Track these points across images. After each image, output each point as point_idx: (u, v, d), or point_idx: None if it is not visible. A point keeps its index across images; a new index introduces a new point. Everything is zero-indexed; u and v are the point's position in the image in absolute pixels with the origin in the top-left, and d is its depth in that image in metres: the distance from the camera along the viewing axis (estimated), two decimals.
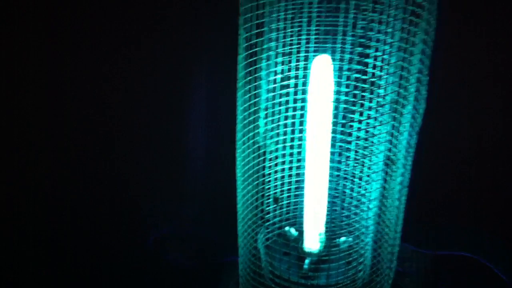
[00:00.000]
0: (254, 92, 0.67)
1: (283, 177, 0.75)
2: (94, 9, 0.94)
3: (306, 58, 0.66)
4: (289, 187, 0.76)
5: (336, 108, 0.68)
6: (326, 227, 0.74)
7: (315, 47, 0.66)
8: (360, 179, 0.73)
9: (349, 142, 0.70)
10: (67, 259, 0.98)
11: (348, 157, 0.72)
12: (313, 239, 0.74)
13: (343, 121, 0.68)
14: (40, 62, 0.98)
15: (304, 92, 0.67)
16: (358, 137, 0.69)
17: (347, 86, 0.67)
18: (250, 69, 0.65)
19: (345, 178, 0.74)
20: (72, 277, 0.95)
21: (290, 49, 0.65)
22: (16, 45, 0.97)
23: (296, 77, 0.67)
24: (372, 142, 0.68)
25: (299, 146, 0.72)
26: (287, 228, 0.78)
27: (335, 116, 0.68)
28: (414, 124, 0.65)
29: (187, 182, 1.04)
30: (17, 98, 1.01)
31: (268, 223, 0.77)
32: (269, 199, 0.76)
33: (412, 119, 0.66)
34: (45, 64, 0.98)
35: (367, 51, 0.64)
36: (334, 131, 0.68)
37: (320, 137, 0.68)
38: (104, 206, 1.05)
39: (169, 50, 0.96)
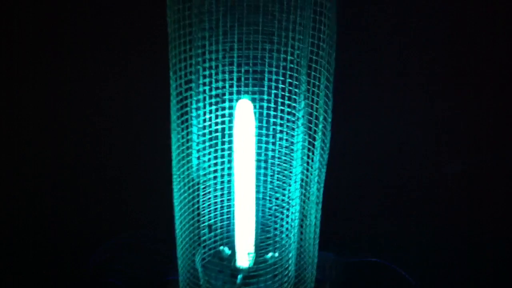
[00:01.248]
0: (186, 131, 0.76)
1: (215, 203, 0.84)
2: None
3: (230, 101, 0.76)
4: (221, 211, 0.85)
5: (258, 141, 0.78)
6: (255, 246, 0.84)
7: (237, 91, 0.75)
8: (282, 201, 0.83)
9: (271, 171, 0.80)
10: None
11: (271, 182, 0.83)
12: (244, 257, 0.84)
13: (265, 153, 0.78)
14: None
15: (230, 131, 0.77)
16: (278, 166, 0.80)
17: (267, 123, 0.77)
18: (181, 111, 0.75)
19: (270, 201, 0.84)
20: None
21: (215, 94, 0.74)
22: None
23: (223, 117, 0.77)
24: (291, 172, 0.78)
25: (228, 175, 0.82)
26: (221, 248, 0.88)
27: (259, 148, 0.78)
28: (324, 148, 0.76)
29: (129, 206, 1.10)
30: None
31: (203, 243, 0.86)
32: (204, 223, 0.85)
33: (321, 149, 0.77)
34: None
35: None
36: (257, 161, 0.79)
37: (245, 167, 0.79)
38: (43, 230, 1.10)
39: None
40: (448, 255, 1.07)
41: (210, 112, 0.76)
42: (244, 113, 0.75)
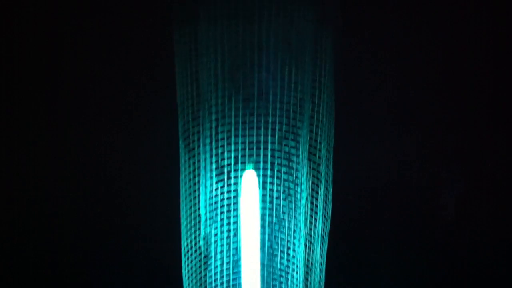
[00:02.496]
0: (195, 202, 0.80)
1: (222, 277, 0.87)
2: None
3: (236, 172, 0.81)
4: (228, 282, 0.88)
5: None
6: None
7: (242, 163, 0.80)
8: (288, 254, 0.87)
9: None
10: None
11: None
12: None
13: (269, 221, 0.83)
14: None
15: (235, 201, 0.81)
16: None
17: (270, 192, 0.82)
18: (190, 183, 0.79)
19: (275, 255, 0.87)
20: None
21: (222, 167, 0.79)
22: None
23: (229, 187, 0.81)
24: (294, 237, 0.82)
25: (234, 243, 0.85)
26: None
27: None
28: (325, 222, 0.81)
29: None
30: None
31: None
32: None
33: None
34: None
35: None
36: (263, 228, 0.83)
37: (251, 234, 0.83)
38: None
39: None
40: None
41: (217, 183, 0.80)
42: (249, 183, 0.80)
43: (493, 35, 1.06)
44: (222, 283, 0.85)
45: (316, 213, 0.81)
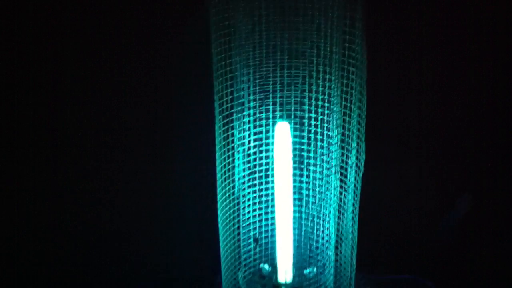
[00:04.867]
0: (231, 152, 0.82)
1: (255, 222, 0.90)
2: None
3: (271, 123, 0.83)
4: (261, 230, 0.90)
5: (295, 162, 0.85)
6: (294, 262, 0.88)
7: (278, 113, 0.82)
8: (319, 218, 0.88)
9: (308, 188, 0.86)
10: None
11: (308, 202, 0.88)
12: (284, 273, 0.88)
13: (303, 172, 0.84)
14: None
15: (270, 150, 0.83)
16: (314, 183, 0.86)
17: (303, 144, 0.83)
18: (226, 134, 0.81)
19: (307, 218, 0.89)
20: None
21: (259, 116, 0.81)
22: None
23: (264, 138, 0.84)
24: (327, 187, 0.84)
25: (267, 195, 0.88)
26: (261, 265, 0.92)
27: (297, 168, 0.85)
28: (358, 165, 0.82)
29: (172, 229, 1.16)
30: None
31: (245, 261, 0.91)
32: (244, 241, 0.90)
33: (356, 160, 0.82)
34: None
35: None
36: (295, 181, 0.85)
37: (285, 186, 0.84)
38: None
39: None
40: (480, 270, 1.10)
41: (251, 134, 0.83)
42: (282, 134, 0.82)
43: None
44: (255, 228, 0.88)
45: (347, 162, 0.83)
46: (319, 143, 0.82)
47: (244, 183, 0.85)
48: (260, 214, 0.89)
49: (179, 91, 1.09)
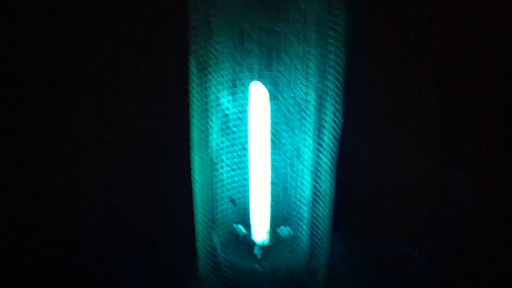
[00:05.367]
0: (204, 109, 0.81)
1: (228, 183, 0.89)
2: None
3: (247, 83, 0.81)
4: (235, 190, 0.90)
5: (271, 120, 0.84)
6: (269, 221, 0.89)
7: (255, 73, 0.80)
8: (294, 177, 0.88)
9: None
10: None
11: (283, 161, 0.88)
12: (259, 232, 0.88)
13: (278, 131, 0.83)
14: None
15: (245, 109, 0.82)
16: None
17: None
18: (201, 94, 0.79)
19: (283, 177, 0.89)
20: None
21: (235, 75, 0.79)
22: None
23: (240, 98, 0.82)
24: (303, 145, 0.83)
25: (242, 155, 0.87)
26: (234, 225, 0.92)
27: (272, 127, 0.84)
28: (335, 127, 0.81)
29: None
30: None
31: (219, 222, 0.90)
32: (217, 202, 0.89)
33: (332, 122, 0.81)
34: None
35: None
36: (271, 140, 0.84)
37: (259, 146, 0.84)
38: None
39: None
40: (467, 237, 1.12)
41: (226, 94, 0.81)
42: (258, 93, 0.80)
43: None
44: (228, 183, 0.87)
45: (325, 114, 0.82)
46: (295, 102, 0.81)
47: (218, 143, 0.84)
48: (233, 175, 0.88)
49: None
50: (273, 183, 0.86)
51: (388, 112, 1.11)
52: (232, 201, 0.87)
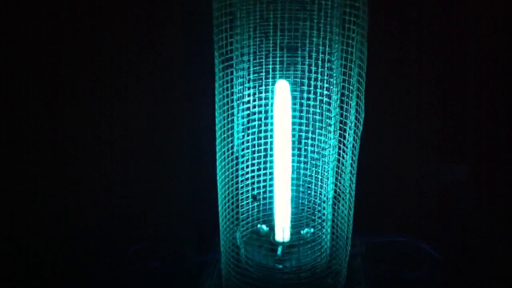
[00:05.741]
0: (230, 112, 0.82)
1: (253, 182, 0.90)
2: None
3: (270, 83, 0.83)
4: (259, 191, 0.91)
5: (295, 121, 0.85)
6: (291, 221, 0.89)
7: (278, 73, 0.82)
8: (317, 177, 0.89)
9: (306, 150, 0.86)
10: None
11: (306, 162, 0.89)
12: (281, 232, 0.89)
13: (302, 131, 0.85)
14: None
15: (270, 110, 0.83)
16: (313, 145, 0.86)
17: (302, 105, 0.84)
18: (225, 92, 0.81)
19: (305, 178, 0.90)
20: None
21: (258, 76, 0.81)
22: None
23: (264, 98, 0.84)
24: (326, 146, 0.84)
25: (266, 156, 0.88)
26: (259, 226, 0.93)
27: (296, 127, 0.85)
28: (357, 124, 0.82)
29: (171, 193, 1.16)
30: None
31: (243, 221, 0.92)
32: (243, 201, 0.90)
33: (355, 120, 0.82)
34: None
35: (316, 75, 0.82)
36: (294, 140, 0.85)
37: (283, 146, 0.85)
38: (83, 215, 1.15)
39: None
40: (475, 232, 1.11)
41: (250, 94, 0.83)
42: (282, 92, 0.82)
43: None
44: (253, 183, 0.88)
45: (346, 123, 0.83)
46: (318, 102, 0.83)
47: (243, 142, 0.86)
48: (258, 174, 0.89)
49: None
50: (295, 183, 0.88)
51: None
52: (254, 197, 0.89)
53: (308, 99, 0.83)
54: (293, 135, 0.85)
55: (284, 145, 0.85)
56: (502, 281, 1.06)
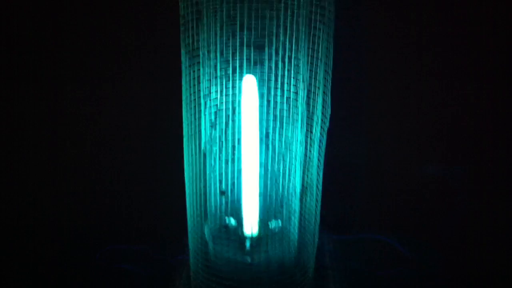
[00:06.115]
0: (198, 109, 0.82)
1: (221, 180, 0.90)
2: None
3: (237, 79, 0.83)
4: (227, 183, 0.91)
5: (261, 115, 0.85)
6: (259, 215, 0.90)
7: (245, 70, 0.82)
8: (284, 171, 0.90)
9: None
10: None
11: (273, 157, 0.89)
12: (250, 226, 0.90)
13: (269, 125, 0.85)
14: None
15: (237, 103, 0.84)
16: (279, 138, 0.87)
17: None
18: (192, 87, 0.81)
19: (272, 171, 0.90)
20: None
21: (225, 73, 0.81)
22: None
23: (231, 94, 0.84)
24: (293, 140, 0.85)
25: (233, 148, 0.88)
26: (227, 219, 0.94)
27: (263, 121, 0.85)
28: (324, 120, 0.83)
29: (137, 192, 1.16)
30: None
31: (211, 216, 0.92)
32: (211, 197, 0.91)
33: (322, 115, 0.83)
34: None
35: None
36: (261, 134, 0.86)
37: (251, 139, 0.85)
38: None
39: None
40: (444, 230, 1.14)
41: (217, 91, 0.82)
42: (249, 87, 0.82)
43: None
44: (221, 180, 0.88)
45: (313, 113, 0.84)
46: (285, 96, 0.83)
47: (210, 136, 0.86)
48: (226, 168, 0.89)
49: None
50: (263, 177, 0.89)
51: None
52: (222, 192, 0.89)
53: (276, 95, 0.83)
54: (261, 132, 0.86)
55: (252, 140, 0.86)
56: (473, 277, 1.09)
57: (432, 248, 1.11)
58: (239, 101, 0.84)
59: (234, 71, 0.81)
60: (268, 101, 0.83)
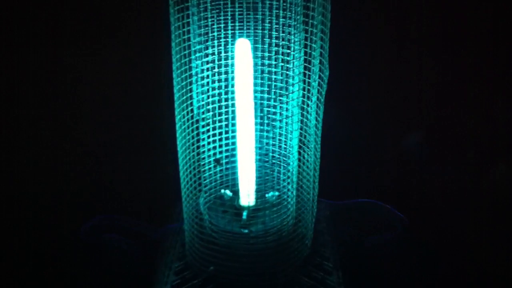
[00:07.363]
0: (188, 73, 0.79)
1: (215, 147, 0.87)
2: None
3: (229, 42, 0.79)
4: (221, 155, 0.88)
5: (256, 82, 0.82)
6: (256, 185, 0.87)
7: (238, 31, 0.78)
8: (280, 142, 0.87)
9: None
10: None
11: (269, 125, 0.86)
12: (246, 196, 0.87)
13: (264, 92, 0.82)
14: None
15: (231, 69, 0.80)
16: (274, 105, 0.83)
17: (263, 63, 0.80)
18: (182, 53, 0.77)
19: (268, 141, 0.87)
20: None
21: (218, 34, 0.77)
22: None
23: (224, 57, 0.80)
24: (290, 109, 0.82)
25: (228, 119, 0.85)
26: (222, 191, 0.91)
27: (258, 88, 0.82)
28: (321, 83, 0.79)
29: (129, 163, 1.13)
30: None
31: (206, 187, 0.89)
32: (205, 166, 0.87)
33: (319, 79, 0.80)
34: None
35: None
36: (256, 102, 0.82)
37: (245, 106, 0.82)
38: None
39: None
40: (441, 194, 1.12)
41: (209, 52, 0.79)
42: (243, 51, 0.78)
43: None
44: (215, 147, 0.85)
45: (310, 77, 0.80)
46: (280, 61, 0.80)
47: (203, 105, 0.82)
48: (220, 138, 0.86)
49: None
50: (258, 147, 0.85)
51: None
52: (217, 160, 0.86)
53: (270, 58, 0.79)
54: (255, 102, 0.82)
55: (247, 107, 0.82)
56: (465, 244, 1.07)
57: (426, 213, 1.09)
58: (233, 65, 0.80)
59: (226, 34, 0.77)
60: (263, 66, 0.80)
